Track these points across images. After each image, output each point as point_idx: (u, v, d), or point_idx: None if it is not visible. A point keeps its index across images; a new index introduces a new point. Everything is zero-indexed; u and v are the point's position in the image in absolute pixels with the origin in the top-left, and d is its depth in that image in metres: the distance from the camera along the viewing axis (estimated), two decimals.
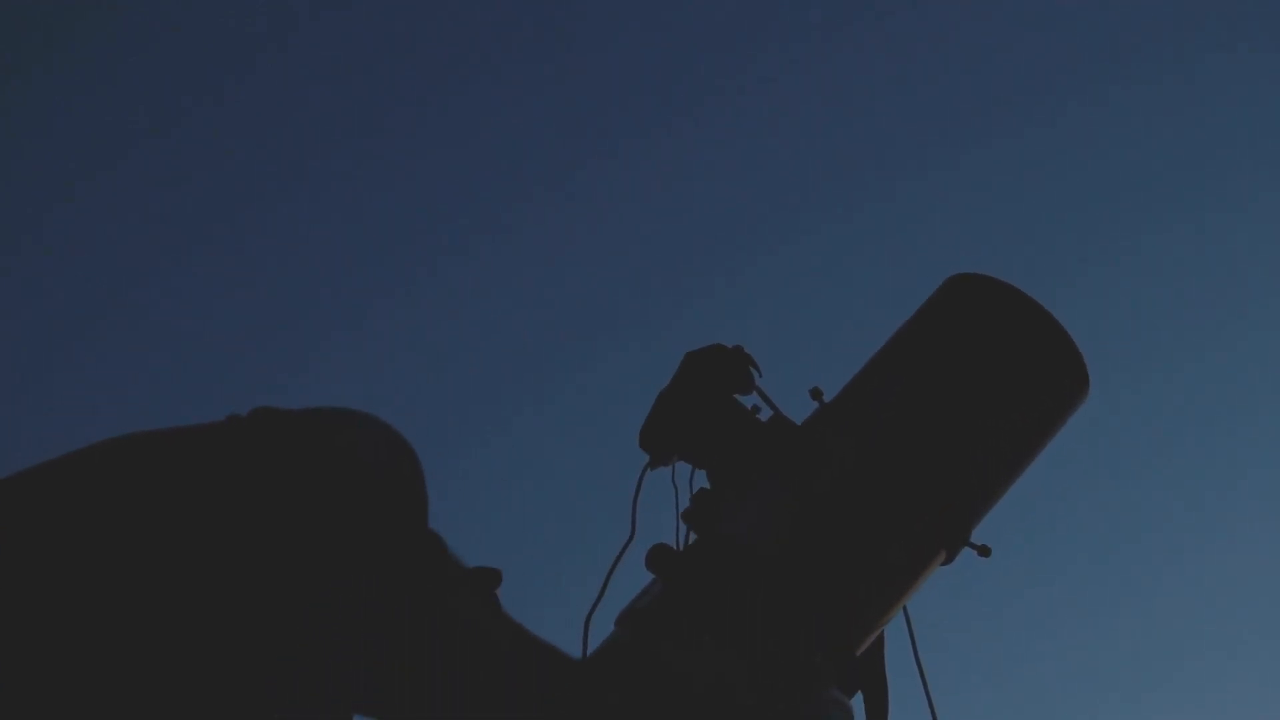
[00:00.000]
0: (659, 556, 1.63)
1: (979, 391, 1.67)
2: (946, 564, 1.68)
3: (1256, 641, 5.04)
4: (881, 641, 1.71)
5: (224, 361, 5.17)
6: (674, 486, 1.71)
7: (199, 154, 5.22)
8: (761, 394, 1.73)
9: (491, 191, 5.40)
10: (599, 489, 4.74)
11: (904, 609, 1.70)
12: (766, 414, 1.71)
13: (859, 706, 1.67)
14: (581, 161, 5.41)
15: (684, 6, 5.40)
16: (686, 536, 1.67)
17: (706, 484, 1.70)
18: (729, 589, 1.59)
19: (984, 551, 1.68)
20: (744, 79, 5.39)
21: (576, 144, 5.42)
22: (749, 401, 1.73)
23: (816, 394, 1.70)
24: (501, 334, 5.37)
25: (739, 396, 1.72)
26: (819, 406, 1.70)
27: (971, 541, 1.67)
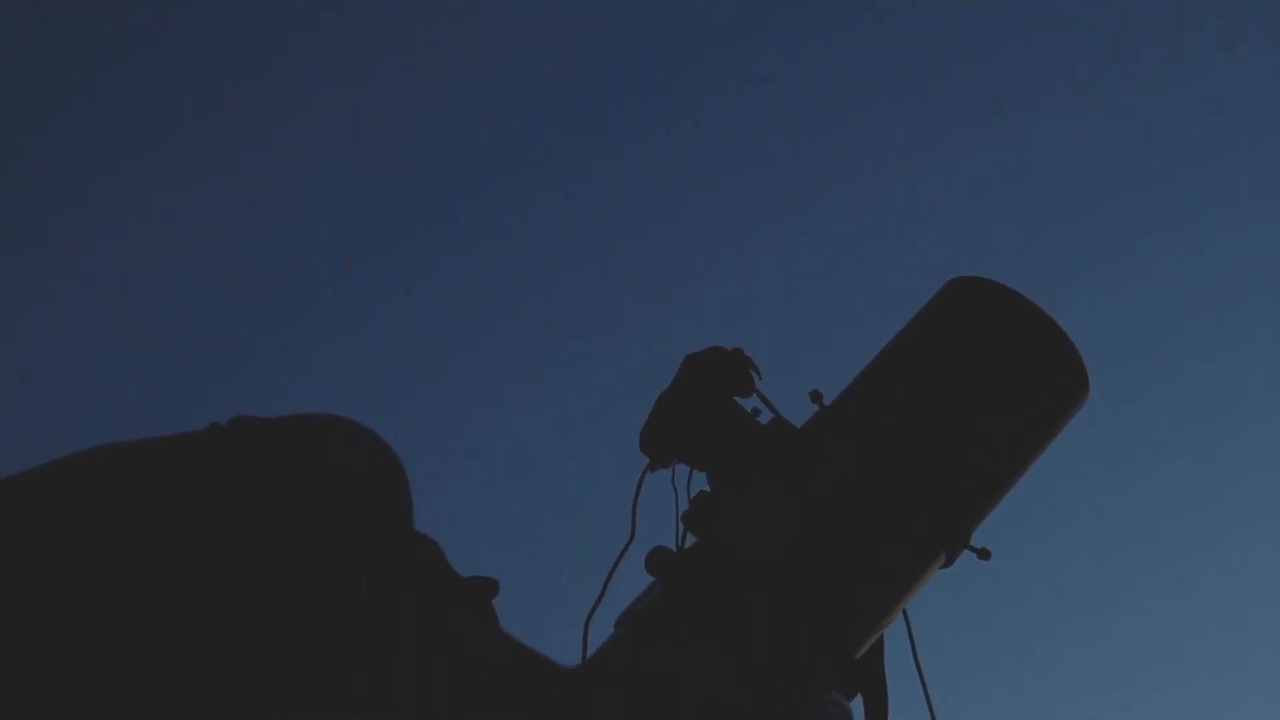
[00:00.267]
0: (659, 559, 1.63)
1: (978, 395, 1.67)
2: (946, 566, 1.68)
3: (1256, 642, 5.04)
4: (881, 644, 1.71)
5: (224, 362, 5.17)
6: (674, 489, 1.71)
7: (199, 154, 5.22)
8: (761, 397, 1.73)
9: (492, 191, 5.40)
10: (599, 491, 4.74)
11: (904, 611, 1.70)
12: (766, 417, 1.71)
13: (859, 709, 1.67)
14: (582, 162, 5.42)
15: (684, 6, 5.40)
16: (686, 539, 1.67)
17: (706, 486, 1.70)
18: (729, 591, 1.59)
19: (984, 554, 1.68)
20: (744, 79, 5.39)
21: (577, 144, 5.43)
22: (749, 404, 1.73)
23: (816, 397, 1.70)
24: (502, 335, 5.37)
25: (739, 399, 1.72)
26: (819, 409, 1.70)
27: (971, 544, 1.68)
